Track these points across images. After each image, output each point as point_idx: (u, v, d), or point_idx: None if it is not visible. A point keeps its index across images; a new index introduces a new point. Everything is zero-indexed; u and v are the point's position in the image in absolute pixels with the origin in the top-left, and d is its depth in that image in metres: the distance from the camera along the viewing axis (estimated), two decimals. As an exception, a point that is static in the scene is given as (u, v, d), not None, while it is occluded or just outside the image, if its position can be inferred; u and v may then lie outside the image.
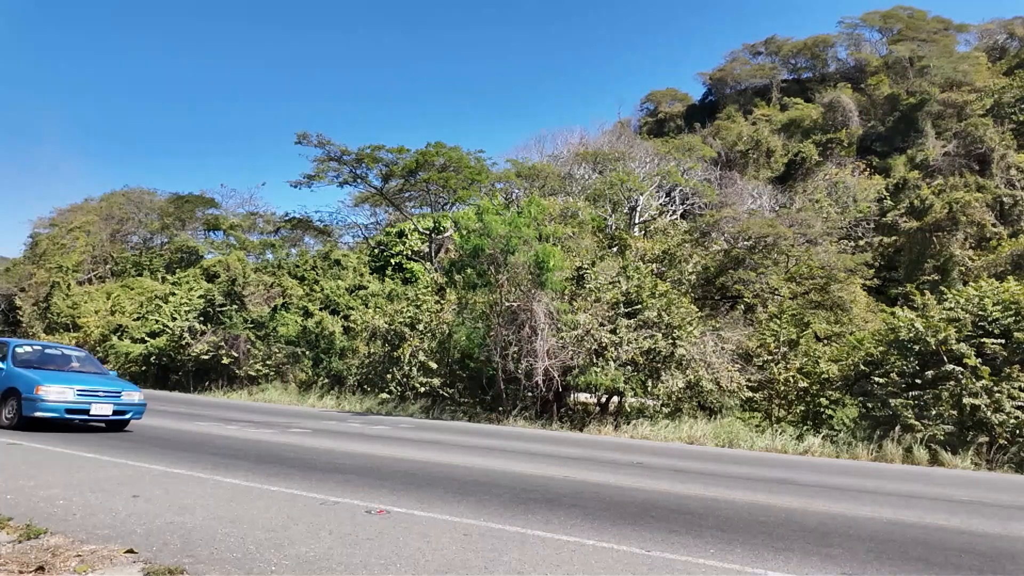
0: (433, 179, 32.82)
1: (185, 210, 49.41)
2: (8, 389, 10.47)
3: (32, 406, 10.01)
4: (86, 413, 10.37)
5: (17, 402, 10.26)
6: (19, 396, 10.20)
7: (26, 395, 10.11)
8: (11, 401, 10.42)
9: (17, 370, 10.57)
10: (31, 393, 10.08)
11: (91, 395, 10.43)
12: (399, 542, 4.67)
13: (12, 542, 4.19)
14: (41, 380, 10.21)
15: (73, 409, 10.19)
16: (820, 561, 4.85)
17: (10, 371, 10.59)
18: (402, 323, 21.60)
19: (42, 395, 10.04)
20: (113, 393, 10.75)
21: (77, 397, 10.24)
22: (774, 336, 18.85)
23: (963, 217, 31.98)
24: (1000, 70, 48.26)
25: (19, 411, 10.17)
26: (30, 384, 10.21)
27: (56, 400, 10.03)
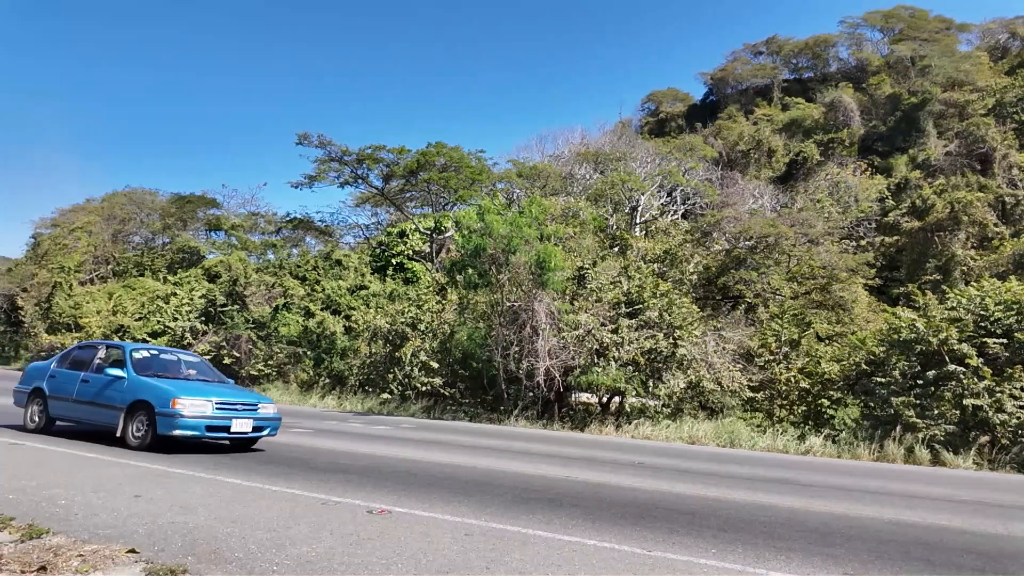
0: (434, 179, 32.84)
1: (187, 210, 49.46)
2: (135, 403, 8.80)
3: (169, 423, 8.38)
4: (227, 431, 8.82)
5: (149, 418, 8.62)
6: (152, 411, 8.57)
7: (161, 410, 8.46)
8: (140, 417, 8.76)
9: (143, 379, 9.01)
10: (167, 407, 8.42)
11: (230, 409, 8.90)
12: (401, 542, 4.67)
13: (14, 542, 4.20)
14: (177, 391, 8.60)
15: (214, 426, 8.63)
16: (822, 561, 4.85)
17: (134, 381, 9.00)
18: (403, 323, 21.61)
19: (180, 410, 8.36)
20: (250, 406, 9.24)
21: (216, 412, 8.67)
22: (775, 336, 18.83)
23: (965, 217, 31.92)
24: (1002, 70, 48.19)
25: (152, 429, 8.55)
26: (164, 396, 8.53)
27: (195, 416, 8.45)
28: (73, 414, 9.61)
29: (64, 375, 9.87)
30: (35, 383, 10.24)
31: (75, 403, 9.48)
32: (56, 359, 10.45)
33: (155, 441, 8.61)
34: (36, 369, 10.65)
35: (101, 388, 9.21)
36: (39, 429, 9.93)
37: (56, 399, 9.81)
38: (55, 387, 9.89)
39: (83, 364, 9.85)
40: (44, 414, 9.96)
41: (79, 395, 9.44)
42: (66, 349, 10.82)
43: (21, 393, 10.45)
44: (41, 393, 10.04)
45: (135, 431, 8.81)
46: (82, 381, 9.50)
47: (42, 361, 11.43)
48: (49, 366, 10.30)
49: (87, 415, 9.37)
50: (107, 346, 10.23)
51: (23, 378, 10.63)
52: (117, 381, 9.09)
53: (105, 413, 9.07)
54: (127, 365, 9.24)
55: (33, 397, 10.19)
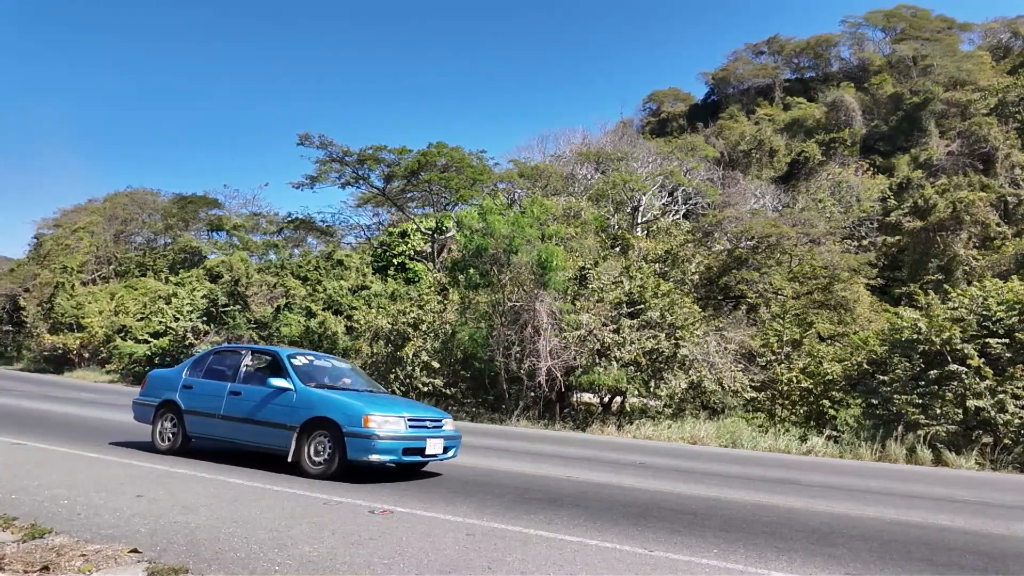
0: (435, 179, 32.88)
1: (188, 211, 49.55)
2: (312, 421, 7.32)
3: (363, 446, 6.94)
4: (421, 453, 7.40)
5: (333, 440, 7.15)
6: (337, 431, 7.12)
7: (351, 429, 7.02)
8: (319, 438, 7.28)
9: (316, 391, 7.60)
10: (358, 426, 7.00)
11: (422, 426, 7.57)
12: (402, 542, 4.67)
13: (17, 541, 4.21)
14: (366, 406, 7.24)
15: (410, 448, 7.25)
16: (823, 561, 4.85)
17: (305, 393, 7.54)
18: (405, 323, 21.61)
19: (374, 429, 6.97)
20: (437, 422, 7.93)
21: (409, 431, 7.31)
22: (777, 336, 18.81)
23: (967, 216, 31.87)
24: (1004, 69, 48.14)
25: (340, 453, 7.07)
26: (354, 413, 7.13)
27: (391, 436, 7.06)
28: (220, 432, 8.06)
29: (204, 386, 8.39)
30: (164, 395, 8.70)
31: (224, 420, 7.98)
32: (187, 366, 8.95)
33: (342, 468, 7.10)
34: (161, 378, 9.17)
35: (260, 402, 7.72)
36: (174, 450, 8.39)
37: (196, 415, 8.29)
38: (194, 400, 8.36)
39: (226, 373, 8.41)
40: (180, 432, 8.44)
41: (229, 411, 7.96)
42: (198, 354, 9.29)
43: (145, 406, 8.90)
44: (173, 407, 8.52)
45: (312, 455, 7.26)
46: (231, 394, 8.02)
47: (165, 369, 10.11)
48: (178, 375, 8.80)
49: (241, 435, 7.84)
50: (253, 351, 8.75)
51: (146, 388, 9.11)
52: (282, 394, 7.61)
53: (269, 433, 7.56)
54: (290, 374, 7.78)
55: (163, 412, 8.64)
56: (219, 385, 8.28)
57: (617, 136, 46.98)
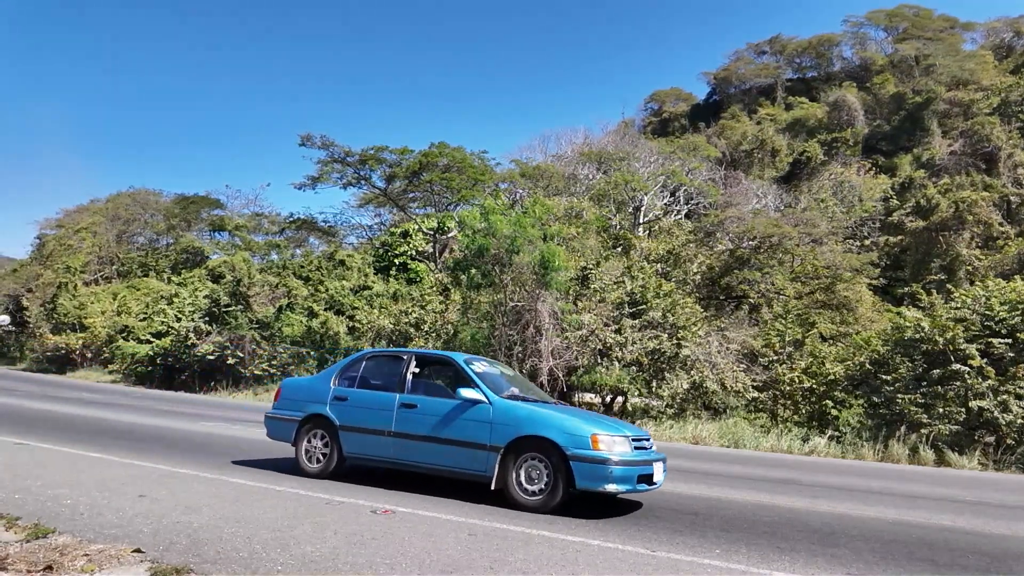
0: (436, 180, 32.91)
1: (190, 211, 49.64)
2: (521, 440, 6.10)
3: (595, 473, 5.75)
4: (649, 481, 6.08)
5: (554, 465, 5.94)
6: (558, 455, 5.90)
7: (576, 452, 5.82)
8: (534, 462, 6.05)
9: (519, 405, 6.46)
10: (586, 449, 5.83)
11: (642, 447, 6.33)
12: (404, 542, 4.68)
13: (20, 541, 4.22)
14: (587, 424, 6.10)
15: (643, 475, 6.02)
16: (825, 562, 4.85)
17: (505, 407, 6.38)
18: (407, 323, 21.64)
19: (605, 452, 5.81)
20: (649, 441, 6.69)
21: (635, 454, 6.10)
22: (779, 336, 18.79)
23: (969, 216, 31.81)
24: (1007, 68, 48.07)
25: (564, 480, 5.88)
26: (576, 432, 5.94)
27: (625, 461, 5.87)
28: (389, 453, 6.84)
29: (363, 398, 7.19)
30: (309, 408, 7.42)
31: (396, 439, 6.78)
32: (331, 374, 7.63)
33: (566, 499, 5.93)
34: (302, 389, 7.86)
35: (445, 418, 6.53)
36: (327, 472, 7.16)
37: (355, 431, 7.05)
38: (351, 415, 7.12)
39: (387, 382, 7.21)
40: (333, 451, 7.18)
41: (402, 427, 6.77)
42: (342, 360, 8.00)
43: (285, 422, 7.59)
44: (324, 423, 7.28)
45: (524, 482, 6.05)
46: (403, 407, 6.83)
47: (301, 377, 8.51)
48: (325, 384, 7.50)
49: (420, 456, 6.63)
50: (417, 356, 7.44)
51: (281, 401, 7.80)
52: (473, 408, 6.42)
53: (459, 455, 6.37)
54: (478, 384, 6.57)
55: (310, 428, 7.37)
56: (384, 397, 7.02)
57: (619, 136, 46.97)
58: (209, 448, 9.46)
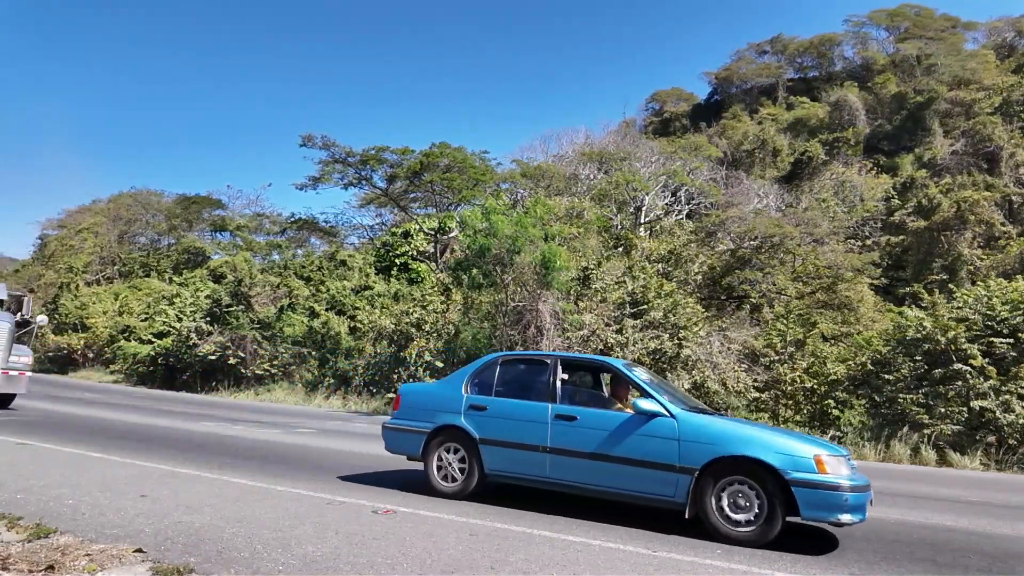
0: (437, 180, 32.90)
1: (192, 211, 49.71)
2: (721, 460, 5.28)
3: (825, 501, 4.95)
4: (863, 509, 5.12)
5: (768, 490, 5.09)
6: (774, 479, 5.07)
7: (798, 477, 5.01)
8: (740, 486, 5.22)
9: (712, 420, 5.67)
10: (809, 472, 5.02)
11: (853, 468, 5.51)
12: (405, 542, 4.68)
13: (22, 541, 4.22)
14: (812, 444, 5.39)
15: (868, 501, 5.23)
16: (827, 561, 4.84)
17: (693, 422, 5.56)
18: (408, 323, 21.65)
19: (833, 477, 5.04)
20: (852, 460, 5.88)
21: (858, 478, 5.32)
22: (780, 336, 18.78)
23: (971, 216, 31.77)
24: (1008, 68, 47.97)
25: (781, 508, 5.04)
26: (795, 453, 5.15)
27: (855, 487, 5.10)
28: (546, 472, 6.02)
29: (507, 408, 6.36)
30: (439, 418, 6.63)
31: (554, 456, 5.96)
32: (461, 380, 6.80)
33: (781, 529, 5.07)
34: (428, 396, 7.09)
35: (616, 433, 5.72)
36: (467, 492, 6.39)
37: (500, 446, 6.25)
38: (492, 426, 6.33)
39: (533, 390, 6.43)
40: (472, 468, 6.38)
41: (561, 442, 5.94)
42: (472, 365, 6.97)
43: (410, 433, 6.82)
44: (459, 436, 6.50)
45: (729, 511, 5.20)
46: (559, 419, 6.01)
47: (420, 383, 7.59)
48: (455, 391, 6.71)
49: (588, 476, 5.82)
50: (564, 361, 6.59)
51: (402, 409, 7.03)
52: (652, 422, 5.61)
53: (641, 477, 5.58)
54: (653, 394, 5.82)
55: (442, 441, 6.61)
56: (533, 407, 6.23)
57: (620, 136, 46.96)
58: (210, 448, 9.48)
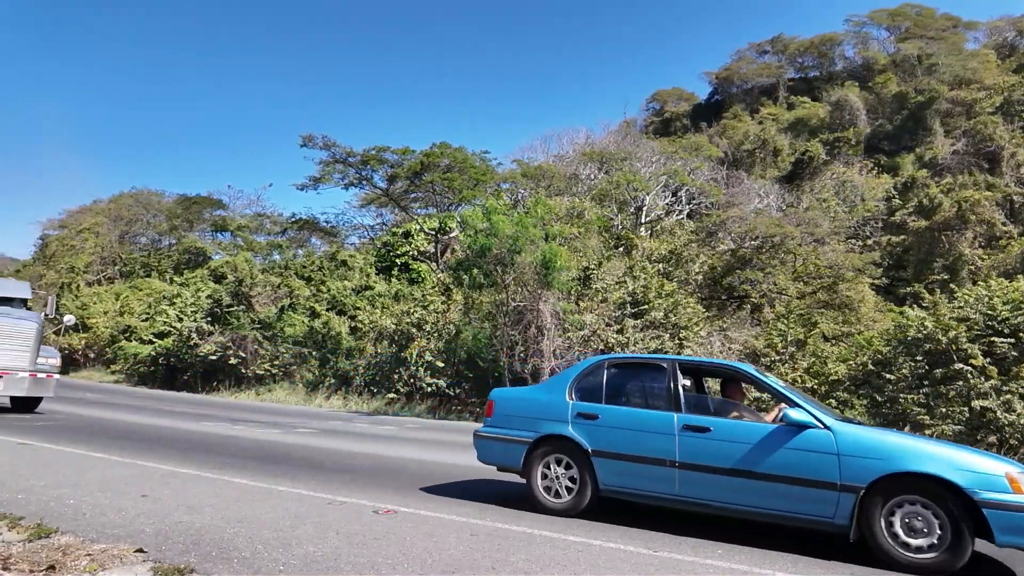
0: (438, 180, 32.91)
1: (193, 211, 49.77)
2: (888, 479, 4.78)
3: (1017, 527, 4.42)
4: None
5: (951, 513, 4.56)
6: (961, 499, 4.56)
7: (988, 497, 4.49)
8: (915, 507, 4.71)
9: (878, 434, 5.16)
10: (1001, 492, 4.50)
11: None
12: (406, 542, 4.68)
13: (23, 541, 4.22)
14: (997, 460, 4.85)
15: None
16: (827, 562, 4.84)
17: (852, 436, 5.04)
18: (409, 323, 21.67)
19: None
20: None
21: None
22: (781, 336, 18.78)
23: (972, 216, 31.75)
24: (1009, 67, 47.93)
25: (971, 530, 4.51)
26: (979, 471, 4.63)
27: None
28: (675, 489, 5.50)
29: (624, 417, 5.83)
30: (542, 426, 6.10)
31: (683, 471, 5.45)
32: (563, 384, 6.27)
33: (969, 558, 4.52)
34: (525, 401, 6.46)
35: (761, 446, 5.22)
36: (579, 509, 5.83)
37: (617, 459, 5.72)
38: (607, 437, 5.79)
39: (650, 397, 5.99)
40: (584, 482, 5.83)
41: (691, 456, 5.43)
42: (573, 369, 6.47)
43: (508, 443, 6.28)
44: (567, 445, 5.96)
45: (903, 534, 4.68)
46: (688, 430, 5.49)
47: (515, 388, 7.33)
48: (559, 397, 6.17)
49: (728, 494, 5.29)
50: (684, 365, 6.20)
51: (498, 416, 6.49)
52: (803, 435, 5.13)
53: (794, 495, 5.05)
54: (799, 403, 5.35)
55: (547, 452, 6.06)
56: (656, 416, 5.69)
57: (620, 136, 46.97)
58: (211, 448, 9.48)
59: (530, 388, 7.09)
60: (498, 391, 6.98)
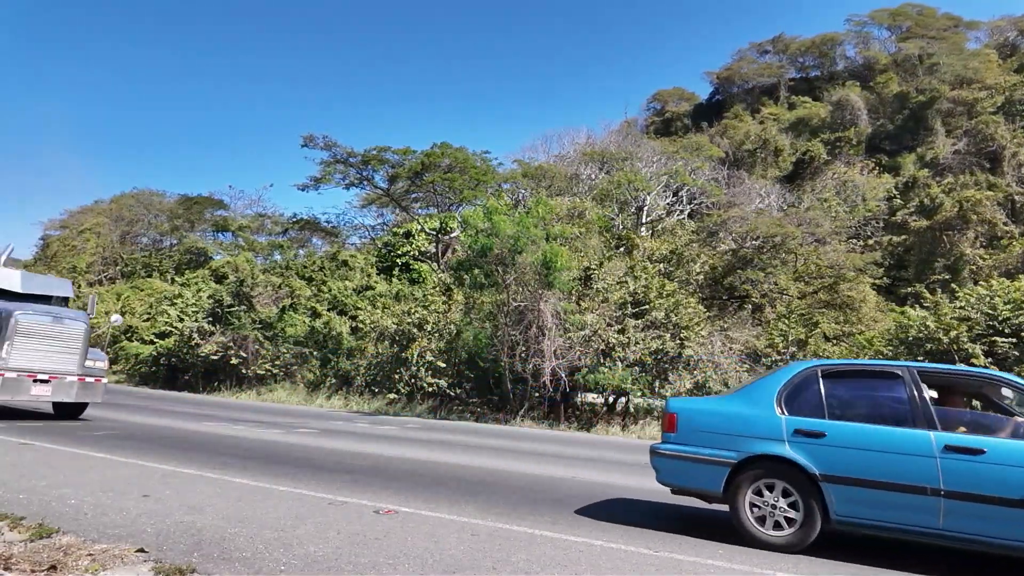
0: (439, 180, 32.93)
1: (194, 211, 49.77)
2: None
3: None
4: None
5: None
6: None
7: None
8: None
9: None
10: None
11: None
12: (407, 542, 4.68)
13: (24, 541, 4.23)
14: None
15: None
16: (828, 562, 4.83)
17: None
18: (410, 323, 21.66)
19: None
20: None
21: None
22: (782, 336, 18.78)
23: (973, 216, 31.74)
24: (1010, 67, 47.90)
25: None
26: None
27: None
28: (938, 523, 4.66)
29: (859, 435, 4.99)
30: (747, 445, 5.27)
31: (949, 500, 4.63)
32: (768, 395, 5.41)
33: None
34: (720, 415, 5.56)
35: None
36: (806, 543, 5.01)
37: (855, 485, 4.90)
38: (839, 459, 4.97)
39: (882, 409, 5.20)
40: (813, 512, 4.99)
41: (960, 483, 4.62)
42: (777, 377, 5.58)
43: (702, 464, 5.46)
44: (784, 468, 5.15)
45: None
46: (951, 451, 4.70)
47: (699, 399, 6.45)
48: (767, 411, 5.32)
49: (1013, 531, 4.47)
50: (925, 373, 5.30)
51: (684, 432, 5.67)
52: None
53: None
54: None
55: (755, 475, 5.22)
56: (906, 436, 4.88)
57: (621, 136, 47.00)
58: (212, 448, 9.49)
59: (720, 399, 6.09)
60: (680, 402, 6.11)
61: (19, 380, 10.61)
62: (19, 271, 13.32)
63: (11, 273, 12.41)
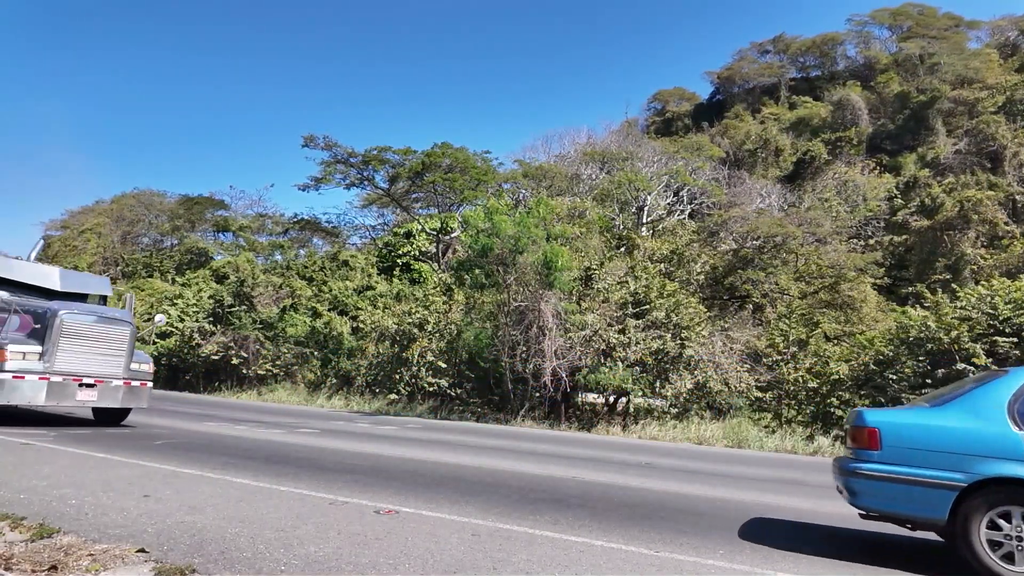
0: (439, 180, 32.96)
1: (195, 212, 49.79)
2: None
3: None
4: None
5: None
6: None
7: None
8: None
9: None
10: None
11: None
12: (407, 542, 4.68)
13: (25, 541, 4.23)
14: None
15: None
16: (828, 561, 4.83)
17: None
18: (410, 323, 21.68)
19: None
20: None
21: None
22: (783, 336, 18.77)
23: (975, 215, 31.71)
24: (1011, 67, 47.87)
25: None
26: None
27: None
28: None
29: None
30: (978, 467, 4.53)
31: None
32: (996, 406, 4.68)
33: None
34: (938, 431, 4.77)
35: None
36: None
37: None
38: None
39: None
40: None
41: None
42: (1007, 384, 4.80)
43: (918, 487, 4.69)
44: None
45: None
46: None
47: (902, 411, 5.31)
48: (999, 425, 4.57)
49: None
50: None
51: (890, 449, 4.85)
52: None
53: None
54: None
55: (990, 501, 4.47)
56: None
57: (622, 136, 46.99)
58: (213, 448, 9.49)
59: (928, 412, 5.09)
60: (880, 415, 5.16)
61: (64, 384, 10.01)
62: (57, 268, 12.76)
63: (50, 270, 11.89)
